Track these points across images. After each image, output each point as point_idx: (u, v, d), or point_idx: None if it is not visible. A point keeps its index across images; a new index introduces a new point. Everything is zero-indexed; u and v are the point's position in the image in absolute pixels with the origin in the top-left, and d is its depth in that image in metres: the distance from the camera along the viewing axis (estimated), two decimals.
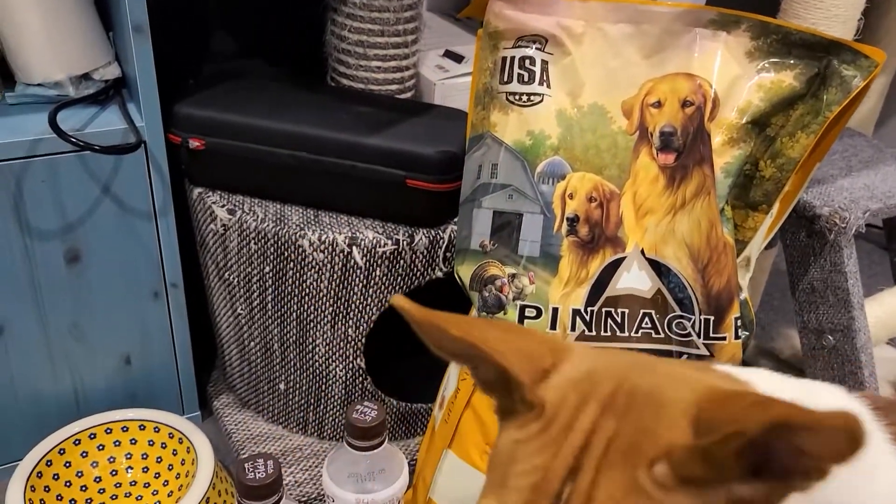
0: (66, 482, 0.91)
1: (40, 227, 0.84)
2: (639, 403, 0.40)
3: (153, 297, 0.94)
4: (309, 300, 0.88)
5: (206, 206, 0.89)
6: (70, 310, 0.90)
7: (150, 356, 0.98)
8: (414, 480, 0.90)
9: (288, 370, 0.95)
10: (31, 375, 0.91)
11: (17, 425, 0.93)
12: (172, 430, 0.94)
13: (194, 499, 0.84)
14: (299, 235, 0.84)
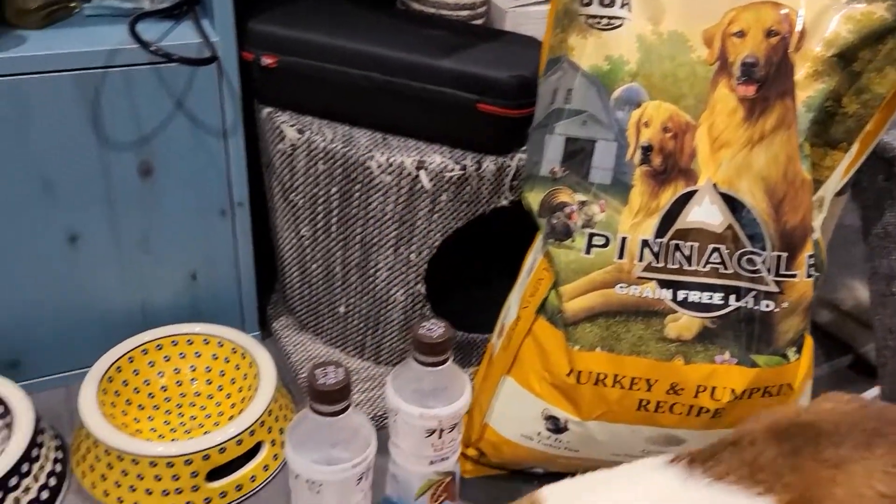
0: (135, 389, 0.94)
1: (116, 138, 0.85)
2: None
3: (220, 215, 0.96)
4: (373, 223, 0.89)
5: (274, 126, 0.89)
6: (140, 223, 0.92)
7: (215, 274, 1.00)
8: (469, 407, 0.91)
9: (348, 293, 0.97)
10: (102, 286, 0.94)
11: (87, 334, 0.96)
12: (236, 345, 0.97)
13: (258, 410, 0.87)
14: (367, 157, 0.84)
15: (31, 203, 0.85)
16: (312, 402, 0.66)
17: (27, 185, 0.84)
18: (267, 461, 0.88)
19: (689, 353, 0.76)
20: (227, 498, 0.85)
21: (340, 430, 0.67)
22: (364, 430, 0.69)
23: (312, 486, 0.68)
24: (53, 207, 0.86)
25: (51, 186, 0.85)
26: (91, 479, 0.85)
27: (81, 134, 0.83)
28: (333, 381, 0.65)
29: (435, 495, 0.79)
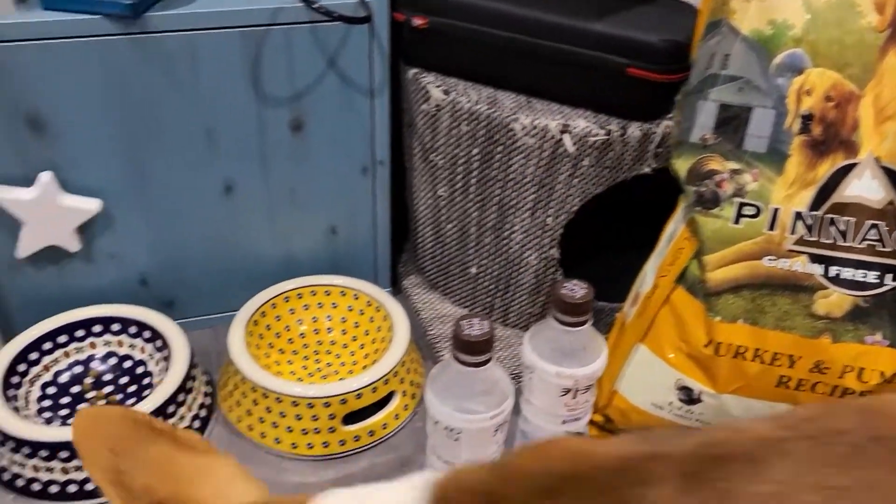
0: (276, 333, 1.00)
1: (273, 93, 0.90)
2: None
3: (362, 172, 0.99)
4: (512, 185, 0.90)
5: (420, 87, 0.91)
6: (289, 177, 0.97)
7: (353, 229, 1.04)
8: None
9: (481, 255, 0.99)
10: (252, 236, 1.00)
11: (235, 280, 1.02)
12: (371, 298, 1.00)
13: (392, 361, 0.90)
14: (512, 119, 0.85)
15: (195, 152, 0.91)
16: (456, 352, 0.68)
17: (193, 134, 0.89)
18: (398, 410, 0.92)
19: (838, 331, 0.74)
20: (360, 442, 0.89)
21: (481, 381, 0.69)
22: (503, 384, 0.71)
23: (451, 433, 0.70)
24: (214, 158, 0.92)
25: (213, 137, 0.90)
26: (237, 414, 0.90)
27: (242, 88, 0.88)
28: (479, 333, 0.67)
29: None
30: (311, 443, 0.88)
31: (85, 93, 0.83)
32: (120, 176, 0.90)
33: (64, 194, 0.88)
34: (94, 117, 0.85)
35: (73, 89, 0.83)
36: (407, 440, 0.91)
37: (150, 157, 0.90)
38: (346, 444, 0.89)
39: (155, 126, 0.88)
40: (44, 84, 0.82)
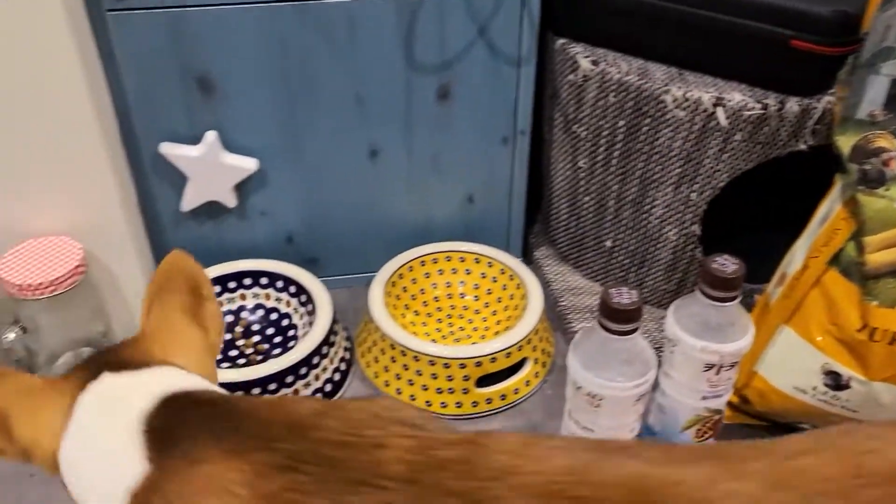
0: (412, 295, 1.03)
1: (423, 61, 0.92)
2: None
3: (502, 141, 1.00)
4: (657, 159, 0.89)
5: (567, 57, 0.91)
6: (432, 144, 0.99)
7: (490, 198, 1.05)
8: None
9: (618, 228, 0.98)
10: (393, 199, 1.03)
11: (375, 242, 1.06)
12: (505, 266, 1.02)
13: (526, 328, 0.92)
14: (663, 91, 0.84)
15: (345, 116, 0.94)
16: (604, 320, 0.68)
17: (344, 99, 0.93)
18: (529, 377, 0.93)
19: None
20: (492, 405, 0.92)
21: (626, 350, 0.70)
22: (647, 354, 0.71)
23: (593, 399, 0.71)
24: (361, 123, 0.95)
25: (362, 102, 0.94)
26: (374, 370, 0.94)
27: (394, 55, 0.91)
28: (628, 301, 0.67)
29: (700, 431, 0.80)
30: (445, 402, 0.90)
31: (251, 57, 0.88)
32: (276, 137, 0.95)
33: (226, 153, 0.94)
34: (257, 80, 0.90)
35: (241, 53, 0.88)
36: (537, 406, 0.93)
37: (303, 121, 0.94)
38: (479, 405, 0.91)
39: (310, 90, 0.92)
40: (215, 48, 0.87)
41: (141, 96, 0.88)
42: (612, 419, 0.72)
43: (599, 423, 0.72)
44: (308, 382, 0.89)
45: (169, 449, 0.42)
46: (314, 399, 0.58)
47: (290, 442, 0.42)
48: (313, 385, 0.90)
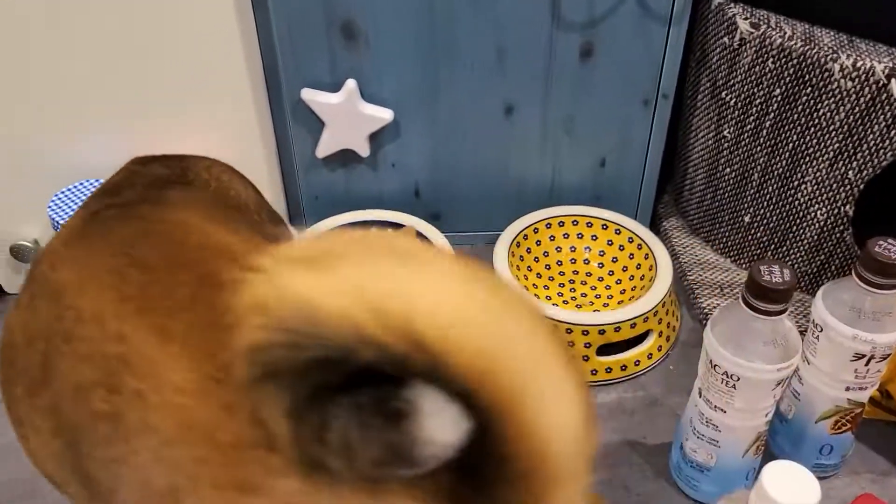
0: (535, 258, 1.02)
1: (569, 17, 0.89)
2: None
3: (643, 104, 0.96)
4: (814, 132, 0.83)
5: (724, 18, 0.86)
6: (569, 103, 0.96)
7: (623, 163, 1.02)
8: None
9: (759, 203, 0.93)
10: (523, 159, 1.01)
11: (503, 201, 1.05)
12: (633, 235, 0.99)
13: (653, 300, 0.89)
14: (830, 58, 0.78)
15: (483, 71, 0.93)
16: (751, 298, 0.65)
17: (485, 53, 0.91)
18: (652, 350, 0.91)
19: None
20: (611, 374, 0.90)
21: (771, 331, 0.66)
22: (792, 337, 0.67)
23: (728, 379, 0.68)
24: (500, 78, 0.94)
25: (502, 57, 0.92)
26: None
27: (540, 10, 0.88)
28: (780, 281, 0.63)
29: (838, 423, 0.75)
30: None
31: (396, 5, 0.87)
32: (412, 89, 0.94)
33: (363, 102, 0.94)
34: (400, 29, 0.89)
35: (387, 1, 0.87)
36: (657, 381, 0.90)
37: (441, 73, 0.93)
38: (598, 374, 0.89)
39: (451, 42, 0.91)
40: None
41: (287, 41, 0.90)
42: (747, 402, 0.69)
43: (733, 405, 0.69)
44: None
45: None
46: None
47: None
48: None
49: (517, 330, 0.25)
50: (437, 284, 0.25)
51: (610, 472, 0.79)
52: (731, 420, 0.70)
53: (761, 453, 0.74)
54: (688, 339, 0.96)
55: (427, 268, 0.25)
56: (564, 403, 0.26)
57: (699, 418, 0.72)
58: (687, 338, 0.96)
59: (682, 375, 0.91)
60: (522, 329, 0.25)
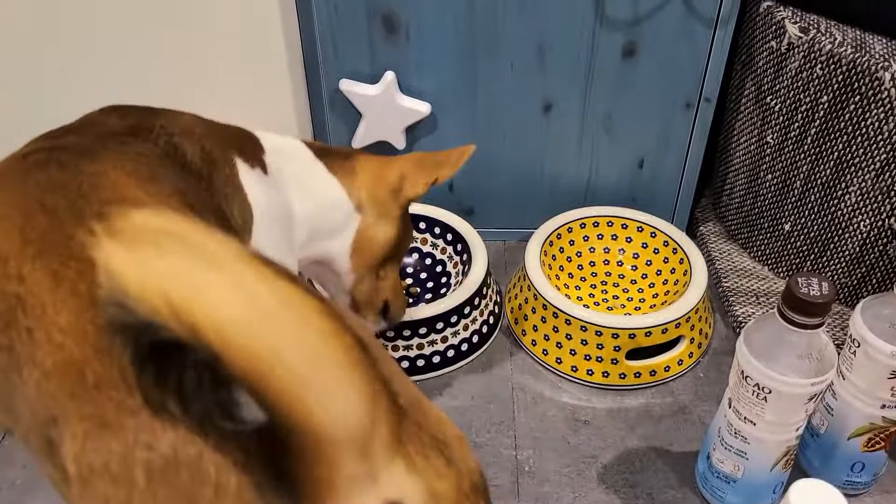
0: (567, 257, 1.01)
1: (613, 15, 0.88)
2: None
3: (684, 107, 0.95)
4: (861, 141, 0.81)
5: (773, 21, 0.84)
6: (608, 103, 0.95)
7: (661, 166, 1.01)
8: None
9: (800, 212, 0.91)
10: (560, 157, 1.00)
11: (537, 199, 1.04)
12: (669, 239, 0.98)
13: (686, 306, 0.87)
14: (881, 66, 0.76)
15: (523, 67, 0.92)
16: (787, 310, 0.64)
17: (525, 49, 0.91)
18: (682, 356, 0.90)
19: None
20: (640, 379, 0.89)
21: (806, 345, 0.65)
22: (827, 352, 0.66)
23: (760, 391, 0.67)
24: (539, 75, 0.93)
25: (543, 53, 0.91)
26: (522, 327, 0.94)
27: (584, 7, 0.87)
28: (818, 294, 0.62)
29: (872, 441, 0.74)
30: (592, 370, 0.88)
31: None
32: (451, 83, 0.94)
33: (401, 95, 0.94)
34: (441, 22, 0.89)
35: None
36: (687, 387, 0.89)
37: (481, 68, 0.93)
38: (626, 378, 0.88)
39: (492, 37, 0.90)
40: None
41: (328, 32, 0.90)
42: (778, 415, 0.68)
43: (764, 417, 0.68)
44: (457, 331, 0.90)
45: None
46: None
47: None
48: (461, 335, 0.90)
49: (294, 334, 0.29)
50: (225, 289, 0.28)
51: (634, 479, 0.78)
52: (761, 432, 0.69)
53: (790, 467, 0.73)
54: (720, 346, 0.94)
55: (224, 271, 0.28)
56: (340, 398, 0.29)
57: (728, 429, 0.71)
58: (719, 345, 0.94)
59: (712, 383, 0.89)
60: (299, 333, 0.29)
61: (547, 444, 0.82)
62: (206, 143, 0.58)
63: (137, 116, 0.57)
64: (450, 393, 0.88)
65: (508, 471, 0.79)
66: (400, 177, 0.72)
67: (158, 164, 0.50)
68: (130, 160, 0.48)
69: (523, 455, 0.81)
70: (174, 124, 0.57)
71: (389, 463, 0.32)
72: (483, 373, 0.91)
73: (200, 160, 0.56)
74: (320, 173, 0.70)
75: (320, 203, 0.70)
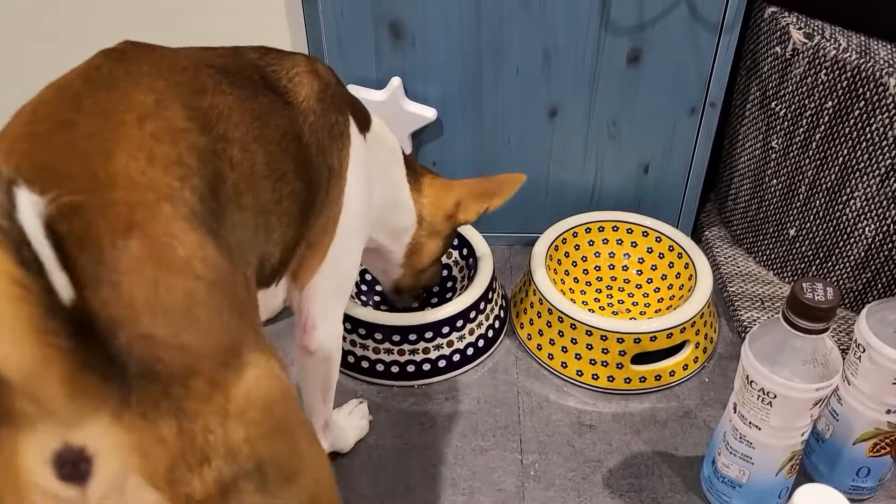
0: (573, 262, 1.01)
1: (618, 22, 0.88)
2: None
3: (689, 112, 0.95)
4: (866, 146, 0.81)
5: (777, 27, 0.85)
6: (614, 107, 0.95)
7: (667, 171, 1.01)
8: None
9: (806, 217, 0.91)
10: (565, 160, 1.01)
11: (542, 203, 1.04)
12: (674, 243, 0.98)
13: (692, 310, 0.88)
14: (886, 72, 0.76)
15: (529, 73, 0.93)
16: (792, 315, 0.64)
17: (531, 55, 0.91)
18: (688, 361, 0.90)
19: None
20: (645, 384, 0.89)
21: (811, 350, 0.65)
22: (832, 357, 0.66)
23: (765, 396, 0.67)
24: (545, 80, 0.93)
25: (549, 59, 0.91)
26: (528, 331, 0.94)
27: (589, 13, 0.88)
28: (823, 299, 0.62)
29: (877, 446, 0.74)
30: (597, 374, 0.89)
31: (444, 5, 0.88)
32: (457, 88, 0.94)
33: (407, 100, 0.94)
34: (446, 29, 0.89)
35: (435, 1, 0.87)
36: (692, 392, 0.89)
37: (487, 74, 0.93)
38: (631, 382, 0.89)
39: (498, 43, 0.90)
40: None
41: (335, 37, 0.90)
42: (783, 420, 0.68)
43: (768, 422, 0.68)
44: (463, 335, 0.90)
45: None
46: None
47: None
48: (467, 339, 0.90)
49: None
50: None
51: (639, 483, 0.79)
52: (766, 437, 0.69)
53: (795, 472, 0.73)
54: (725, 351, 0.94)
55: None
56: (5, 348, 0.32)
57: (733, 433, 0.71)
58: (724, 350, 0.95)
59: (718, 388, 0.90)
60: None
61: (552, 448, 0.82)
62: (330, 90, 0.62)
63: (266, 57, 0.60)
64: (455, 397, 0.88)
65: (514, 475, 0.79)
66: (455, 203, 0.80)
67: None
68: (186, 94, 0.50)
69: (528, 459, 0.81)
70: (307, 64, 0.61)
71: (80, 412, 0.34)
72: (488, 377, 0.91)
73: (315, 99, 0.60)
74: (402, 175, 0.77)
75: (394, 198, 0.77)
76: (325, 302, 0.65)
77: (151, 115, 0.44)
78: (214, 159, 0.46)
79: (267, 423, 0.38)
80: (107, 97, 0.44)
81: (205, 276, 0.39)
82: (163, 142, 0.43)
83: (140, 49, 0.50)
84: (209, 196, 0.43)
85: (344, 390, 0.89)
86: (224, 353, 0.38)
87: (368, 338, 0.88)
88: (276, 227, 0.53)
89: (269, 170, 0.52)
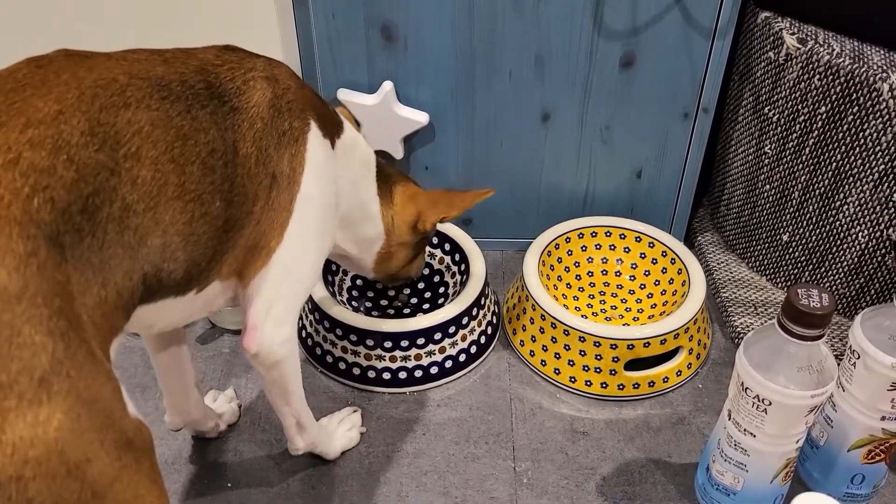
0: (566, 268, 1.00)
1: (611, 27, 0.88)
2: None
3: (682, 117, 0.95)
4: (859, 152, 0.81)
5: (770, 32, 0.85)
6: (606, 112, 0.95)
7: (660, 176, 1.01)
8: None
9: (798, 223, 0.91)
10: (558, 167, 1.00)
11: (536, 209, 1.04)
12: (667, 249, 0.97)
13: (685, 316, 0.87)
14: (879, 77, 0.76)
15: (522, 77, 0.92)
16: (786, 321, 0.63)
17: (524, 59, 0.91)
18: (681, 367, 0.89)
19: None
20: (639, 390, 0.88)
21: (806, 356, 0.64)
22: (828, 364, 0.66)
23: (759, 402, 0.67)
24: (538, 85, 0.93)
25: (541, 63, 0.91)
26: (521, 337, 0.93)
27: (582, 17, 0.87)
28: (818, 305, 0.62)
29: (872, 453, 0.73)
30: (590, 380, 0.88)
31: (436, 9, 0.87)
32: (449, 93, 0.94)
33: (399, 105, 0.94)
34: (439, 33, 0.89)
35: (428, 4, 0.87)
36: (685, 398, 0.89)
37: (479, 78, 0.92)
38: (625, 389, 0.88)
39: (490, 47, 0.90)
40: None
41: (326, 41, 0.90)
42: (778, 427, 0.67)
43: (763, 429, 0.68)
44: (455, 342, 0.89)
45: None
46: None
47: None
48: (459, 345, 0.90)
49: None
50: None
51: (633, 490, 0.78)
52: (761, 444, 0.69)
53: (790, 480, 0.73)
54: (718, 357, 0.94)
55: None
56: None
57: (727, 440, 0.71)
58: (718, 356, 0.94)
59: (711, 395, 0.89)
60: None
61: (545, 455, 0.82)
62: (287, 96, 0.61)
63: (238, 54, 0.60)
64: (448, 404, 0.87)
65: (506, 483, 0.79)
66: (417, 214, 0.80)
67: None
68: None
69: (521, 467, 0.80)
70: (265, 69, 0.60)
71: None
72: (481, 384, 0.90)
73: (267, 105, 0.59)
74: (373, 189, 0.77)
75: (361, 210, 0.76)
76: (270, 304, 0.63)
77: (41, 124, 0.44)
78: (108, 177, 0.46)
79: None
80: (6, 101, 0.44)
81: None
82: (39, 149, 0.43)
83: (70, 58, 0.50)
84: (78, 211, 0.44)
85: (335, 397, 0.88)
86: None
87: (360, 344, 0.87)
88: (180, 247, 0.52)
89: (182, 191, 0.51)
